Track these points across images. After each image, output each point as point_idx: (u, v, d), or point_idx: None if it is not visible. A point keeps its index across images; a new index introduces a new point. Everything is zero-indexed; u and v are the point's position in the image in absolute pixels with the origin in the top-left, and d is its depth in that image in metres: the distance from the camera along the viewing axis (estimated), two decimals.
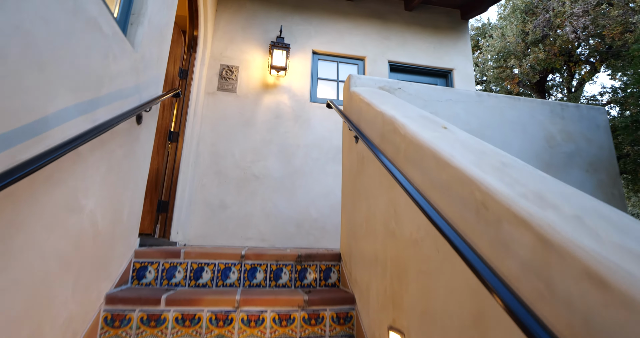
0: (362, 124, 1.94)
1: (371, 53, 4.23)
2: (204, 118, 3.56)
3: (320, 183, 3.60)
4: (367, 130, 1.84)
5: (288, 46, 3.74)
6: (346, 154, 2.28)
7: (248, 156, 3.53)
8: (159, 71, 2.04)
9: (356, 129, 1.87)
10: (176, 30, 3.42)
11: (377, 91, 2.17)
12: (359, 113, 2.02)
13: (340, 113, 2.22)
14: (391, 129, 1.48)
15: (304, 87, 3.89)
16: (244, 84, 3.74)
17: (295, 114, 3.76)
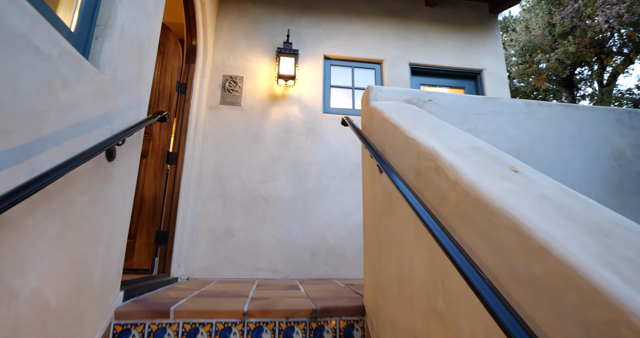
0: (387, 149, 1.55)
1: (389, 56, 3.82)
2: (207, 136, 3.23)
3: (336, 204, 3.22)
4: (395, 159, 1.44)
5: (296, 52, 3.37)
6: (367, 183, 1.88)
7: (256, 177, 3.18)
8: (140, 93, 1.70)
9: (379, 159, 1.48)
10: (173, 40, 3.11)
11: (404, 105, 1.76)
12: (382, 135, 1.62)
13: (359, 134, 1.83)
14: (431, 167, 1.08)
15: (316, 96, 3.51)
16: (250, 96, 3.40)
17: (307, 128, 3.39)
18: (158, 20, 1.91)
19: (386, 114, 1.59)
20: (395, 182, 1.22)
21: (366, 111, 1.92)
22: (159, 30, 1.93)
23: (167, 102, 2.95)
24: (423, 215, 0.97)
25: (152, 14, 1.80)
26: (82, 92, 1.20)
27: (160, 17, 1.94)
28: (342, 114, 3.52)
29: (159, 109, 2.92)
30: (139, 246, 2.66)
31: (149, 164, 2.80)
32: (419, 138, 1.20)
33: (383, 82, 3.75)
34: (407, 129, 1.32)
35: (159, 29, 1.94)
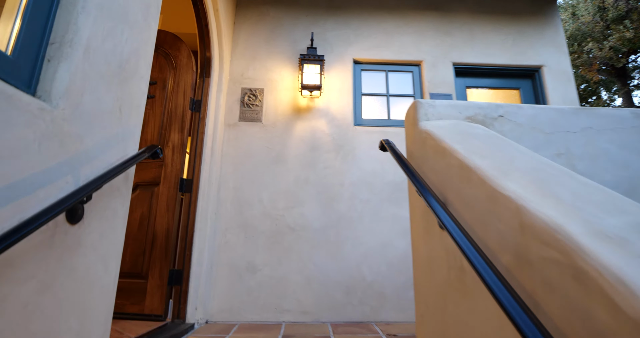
0: (451, 197, 1.09)
1: (429, 55, 3.31)
2: (225, 157, 2.89)
3: (373, 233, 2.75)
4: (468, 217, 0.98)
5: (322, 58, 2.96)
6: (419, 234, 1.41)
7: (280, 202, 2.79)
8: (125, 123, 1.35)
9: (440, 211, 1.02)
10: (185, 53, 2.81)
11: (468, 128, 1.29)
12: (442, 174, 1.16)
13: (405, 167, 1.36)
14: (560, 263, 0.61)
15: (345, 107, 3.08)
16: (271, 110, 3.03)
17: (336, 144, 2.96)
18: (150, 31, 1.56)
19: (447, 143, 1.13)
20: (472, 260, 0.77)
21: (413, 134, 1.46)
22: (152, 43, 1.58)
23: (180, 122, 2.64)
24: None
25: (139, 24, 1.45)
26: (15, 139, 0.85)
27: (153, 27, 1.60)
28: (376, 126, 3.06)
29: (171, 132, 2.62)
30: (151, 288, 2.35)
31: (161, 194, 2.50)
32: (520, 198, 0.73)
33: (422, 86, 3.25)
34: (492, 175, 0.85)
35: (152, 43, 1.59)
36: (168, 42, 2.89)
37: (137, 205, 2.51)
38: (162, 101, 2.73)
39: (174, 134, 2.61)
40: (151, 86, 2.78)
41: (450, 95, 3.20)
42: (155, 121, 2.69)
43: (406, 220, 2.79)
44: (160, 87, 2.77)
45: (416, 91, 3.26)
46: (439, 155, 1.16)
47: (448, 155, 1.08)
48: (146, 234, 2.45)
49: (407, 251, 2.72)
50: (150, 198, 2.52)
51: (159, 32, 2.93)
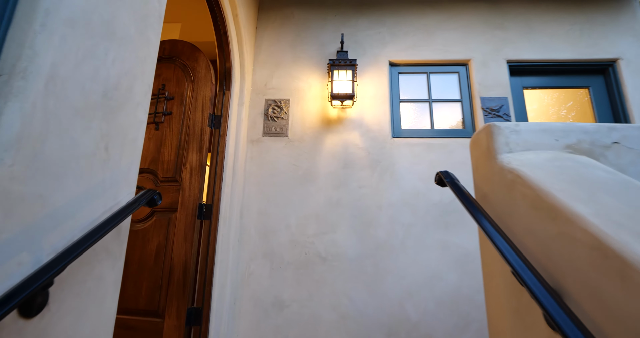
0: (570, 284, 0.71)
1: (478, 53, 2.86)
2: (248, 176, 2.62)
3: (417, 263, 2.37)
4: (608, 326, 0.60)
5: (354, 63, 2.60)
6: (500, 316, 1.02)
7: (309, 227, 2.47)
8: (115, 166, 1.08)
9: (551, 303, 0.65)
10: (203, 64, 2.56)
11: (576, 163, 0.89)
12: (552, 246, 0.78)
13: (476, 215, 0.99)
14: None
15: (382, 117, 2.71)
16: (298, 123, 2.72)
17: (372, 159, 2.60)
18: (149, 46, 1.28)
19: (559, 201, 0.75)
20: None
21: (488, 169, 1.08)
22: (152, 61, 1.31)
23: (198, 141, 2.39)
24: None
25: (132, 39, 1.17)
26: None
27: (154, 41, 1.32)
28: (417, 137, 2.67)
29: (188, 152, 2.37)
30: (168, 329, 2.11)
31: (179, 222, 2.26)
32: None
33: (471, 89, 2.81)
34: None
35: (153, 61, 1.32)
36: (186, 53, 2.65)
37: (153, 234, 2.29)
38: (179, 118, 2.50)
39: (192, 154, 2.37)
40: (168, 102, 2.56)
41: (505, 98, 2.74)
42: (172, 140, 2.46)
43: (457, 247, 2.38)
44: (178, 102, 2.55)
45: (464, 95, 2.83)
46: (545, 217, 0.78)
47: (565, 222, 0.71)
48: (162, 267, 2.22)
49: (460, 285, 2.31)
50: (167, 225, 2.29)
51: (176, 43, 2.70)
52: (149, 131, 2.53)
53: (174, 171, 2.38)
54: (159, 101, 2.59)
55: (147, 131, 2.53)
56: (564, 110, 3.53)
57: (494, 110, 2.71)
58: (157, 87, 2.62)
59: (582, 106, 3.45)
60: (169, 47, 2.72)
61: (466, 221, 2.43)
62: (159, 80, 2.65)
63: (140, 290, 2.20)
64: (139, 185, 2.40)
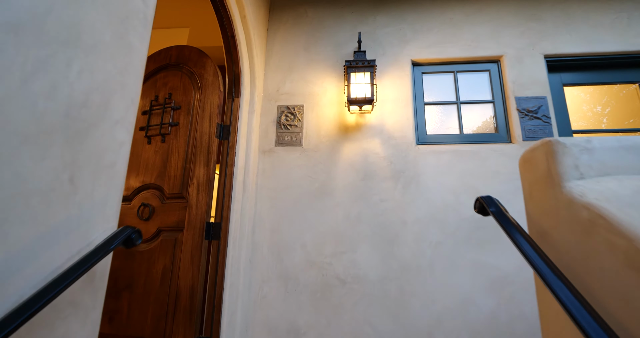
0: None
1: (511, 48, 2.56)
2: (260, 190, 2.43)
3: (448, 287, 2.11)
4: None
5: (372, 63, 2.37)
6: None
7: (326, 246, 2.26)
8: (80, 203, 0.90)
9: None
10: (211, 70, 2.39)
11: None
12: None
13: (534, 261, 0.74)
14: None
15: (404, 122, 2.46)
16: (313, 131, 2.51)
17: (395, 169, 2.36)
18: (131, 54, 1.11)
19: None
20: None
21: (549, 201, 0.82)
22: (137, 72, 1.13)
23: (205, 154, 2.22)
24: None
25: (107, 46, 1.00)
26: None
27: (138, 47, 1.14)
28: (445, 144, 2.40)
29: (195, 166, 2.21)
30: None
31: (185, 242, 2.09)
32: None
33: (504, 88, 2.51)
34: None
35: (138, 71, 1.14)
36: (193, 59, 2.50)
37: (159, 256, 2.14)
38: (186, 129, 2.34)
39: (199, 168, 2.20)
40: (175, 112, 2.41)
41: (544, 98, 2.43)
42: (179, 153, 2.31)
43: (492, 268, 2.10)
44: (185, 112, 2.39)
45: (496, 96, 2.53)
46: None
47: None
48: (169, 292, 2.06)
49: (496, 312, 2.03)
50: (173, 246, 2.13)
51: (183, 49, 2.56)
52: (155, 144, 2.39)
53: (180, 187, 2.23)
54: (165, 111, 2.45)
55: (154, 143, 2.39)
56: (598, 107, 3.17)
57: (531, 112, 2.41)
58: (164, 96, 2.48)
59: (617, 102, 3.07)
60: (176, 54, 2.58)
61: (502, 238, 2.15)
62: (166, 89, 2.51)
63: (146, 317, 2.05)
64: (145, 202, 2.26)
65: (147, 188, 2.33)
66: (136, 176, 2.37)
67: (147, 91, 2.58)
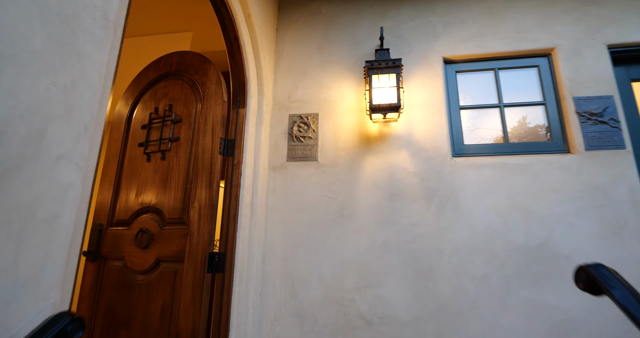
0: None
1: (565, 38, 2.15)
2: (271, 212, 2.13)
3: (497, 331, 1.73)
4: None
5: (397, 63, 2.02)
6: None
7: (348, 279, 1.93)
8: None
9: None
10: (214, 78, 2.12)
11: None
12: None
13: None
14: None
15: (437, 130, 2.09)
16: (329, 143, 2.19)
17: (427, 187, 2.00)
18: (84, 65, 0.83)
19: None
20: None
21: None
22: (93, 89, 0.86)
23: (208, 173, 1.95)
24: None
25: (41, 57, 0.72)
26: None
27: (95, 58, 0.87)
28: (487, 155, 2.02)
29: (197, 187, 1.94)
30: None
31: (186, 276, 1.82)
32: None
33: (558, 86, 2.10)
34: None
35: (96, 87, 0.86)
36: (194, 66, 2.24)
37: (158, 290, 1.88)
38: (187, 145, 2.08)
39: (200, 190, 1.93)
40: (176, 126, 2.16)
41: (610, 97, 2.00)
42: (179, 172, 2.05)
43: (553, 310, 1.71)
44: (186, 126, 2.13)
45: (547, 96, 2.13)
46: None
47: None
48: (168, 332, 1.80)
49: None
50: (173, 279, 1.87)
51: (184, 55, 2.30)
52: (155, 162, 2.14)
53: (181, 211, 1.96)
54: (165, 124, 2.20)
55: (153, 161, 2.15)
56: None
57: (595, 114, 1.99)
58: (164, 108, 2.24)
59: None
60: (177, 60, 2.33)
61: (565, 273, 1.75)
62: (166, 100, 2.27)
63: None
64: (143, 228, 2.01)
65: (147, 211, 2.08)
66: (135, 197, 2.13)
67: (147, 103, 2.35)
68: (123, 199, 2.18)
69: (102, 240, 2.15)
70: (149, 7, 2.69)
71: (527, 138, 2.10)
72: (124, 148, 2.32)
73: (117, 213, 2.17)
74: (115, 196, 2.22)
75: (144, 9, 2.67)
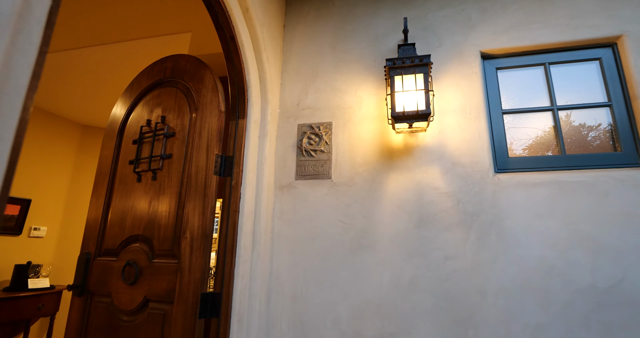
0: None
1: (635, 23, 1.73)
2: (277, 239, 1.83)
3: None
4: None
5: (425, 61, 1.67)
6: None
7: (368, 324, 1.60)
8: None
9: None
10: (210, 85, 1.84)
11: None
12: None
13: None
14: None
15: (475, 140, 1.73)
16: (345, 157, 1.86)
17: (465, 211, 1.64)
18: None
19: None
20: None
21: None
22: None
23: (201, 197, 1.66)
24: None
25: None
26: None
27: None
28: (538, 171, 1.64)
29: (189, 212, 1.66)
30: None
31: (175, 321, 1.55)
32: None
33: (628, 83, 1.69)
34: None
35: None
36: (189, 71, 1.96)
37: (146, 336, 1.62)
38: (180, 162, 1.81)
39: (193, 217, 1.65)
40: (169, 140, 1.89)
41: None
42: (171, 195, 1.77)
43: None
44: (180, 140, 1.86)
45: (614, 95, 1.72)
46: None
47: None
48: None
49: None
50: (162, 323, 1.60)
51: (179, 59, 2.03)
52: (146, 182, 1.88)
53: (171, 242, 1.69)
54: (156, 139, 1.94)
55: (144, 181, 1.89)
56: None
57: None
58: (156, 120, 1.97)
59: None
60: (171, 66, 2.06)
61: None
62: (159, 111, 2.00)
63: None
64: (130, 260, 1.76)
65: (136, 239, 1.82)
66: (124, 224, 1.88)
67: (139, 114, 2.09)
68: (113, 225, 1.93)
69: (90, 271, 1.91)
70: (145, 7, 2.44)
71: (589, 148, 1.70)
72: (114, 166, 2.07)
73: (106, 241, 1.93)
74: (104, 221, 1.98)
75: (140, 10, 2.42)
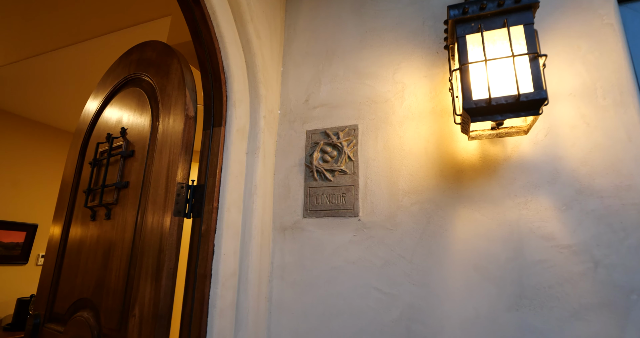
0: None
1: None
2: (276, 313, 1.17)
3: None
4: None
5: (527, 1, 0.90)
6: None
7: None
8: None
9: None
10: (175, 78, 1.24)
11: None
12: None
13: None
14: None
15: (620, 147, 0.92)
16: (380, 182, 1.15)
17: (610, 283, 0.85)
18: None
19: None
20: None
21: None
22: None
23: (155, 254, 1.06)
24: None
25: None
26: None
27: None
28: None
29: (140, 279, 1.07)
30: None
31: None
32: None
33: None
34: None
35: None
36: (155, 63, 1.39)
37: None
38: (136, 194, 1.23)
39: (145, 283, 1.06)
40: (127, 162, 1.33)
41: None
42: (123, 243, 1.20)
43: None
44: (139, 161, 1.29)
45: None
46: None
47: None
48: None
49: None
50: None
51: (144, 48, 1.48)
52: (100, 222, 1.35)
53: (119, 318, 1.12)
54: (112, 161, 1.39)
55: (98, 220, 1.35)
56: None
57: None
58: (114, 135, 1.42)
59: None
60: (137, 58, 1.51)
61: None
62: (120, 121, 1.46)
63: None
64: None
65: (84, 306, 1.29)
66: (74, 280, 1.36)
67: (100, 128, 1.57)
68: (65, 278, 1.43)
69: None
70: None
71: None
72: (73, 197, 1.56)
73: (58, 300, 1.43)
74: (57, 273, 1.48)
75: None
